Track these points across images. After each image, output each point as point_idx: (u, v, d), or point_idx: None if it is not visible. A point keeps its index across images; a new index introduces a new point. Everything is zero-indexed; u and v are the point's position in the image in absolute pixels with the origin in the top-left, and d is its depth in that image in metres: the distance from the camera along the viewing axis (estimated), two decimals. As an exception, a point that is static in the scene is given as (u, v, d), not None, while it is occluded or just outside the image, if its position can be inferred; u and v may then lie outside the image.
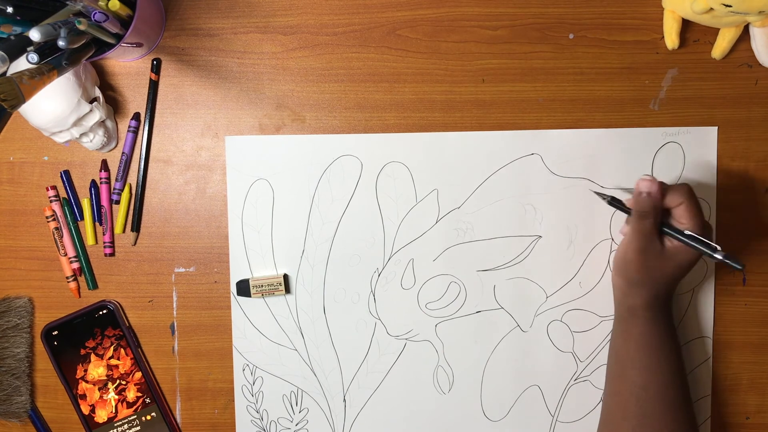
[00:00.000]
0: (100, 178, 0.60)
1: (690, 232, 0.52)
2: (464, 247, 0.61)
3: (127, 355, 0.61)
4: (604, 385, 0.59)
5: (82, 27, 0.44)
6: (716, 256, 0.51)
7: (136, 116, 0.60)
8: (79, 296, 0.62)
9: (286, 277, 0.60)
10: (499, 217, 0.60)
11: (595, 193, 0.57)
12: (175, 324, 0.62)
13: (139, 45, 0.56)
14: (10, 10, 0.44)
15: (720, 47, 0.58)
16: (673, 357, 0.55)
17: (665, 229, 0.53)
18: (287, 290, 0.61)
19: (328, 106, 0.60)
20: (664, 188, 0.53)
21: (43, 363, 0.62)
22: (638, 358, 0.54)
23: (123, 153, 0.60)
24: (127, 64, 0.60)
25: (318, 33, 0.60)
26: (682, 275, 0.54)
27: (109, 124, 0.59)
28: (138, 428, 0.61)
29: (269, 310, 0.61)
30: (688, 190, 0.53)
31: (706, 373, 0.62)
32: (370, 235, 0.60)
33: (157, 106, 0.60)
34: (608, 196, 0.56)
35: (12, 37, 0.43)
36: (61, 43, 0.44)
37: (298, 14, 0.59)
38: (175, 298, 0.61)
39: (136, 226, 0.61)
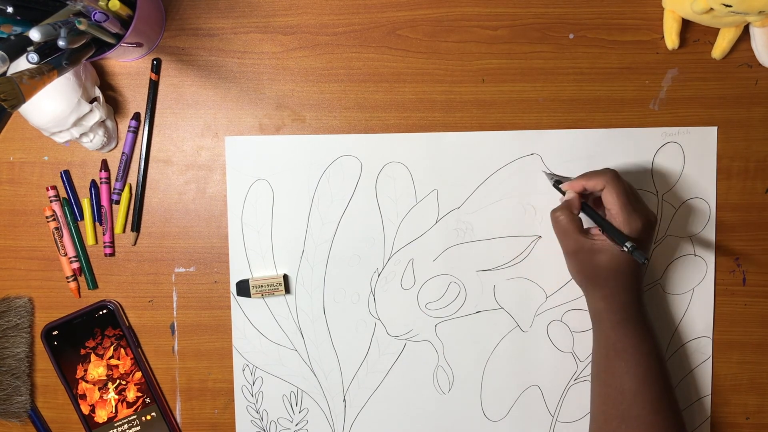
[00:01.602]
0: (100, 178, 0.60)
1: (601, 218, 0.51)
2: (464, 247, 0.61)
3: (127, 355, 0.61)
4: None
5: (82, 27, 0.44)
6: (626, 246, 0.49)
7: (136, 116, 0.60)
8: (79, 296, 0.62)
9: (285, 277, 0.60)
10: (499, 217, 0.60)
11: (544, 172, 0.58)
12: (175, 324, 0.62)
13: (139, 45, 0.56)
14: (10, 9, 0.44)
15: (720, 47, 0.58)
16: (645, 360, 0.53)
17: (583, 212, 0.53)
18: (287, 290, 0.61)
19: (328, 106, 0.60)
20: (588, 177, 0.53)
21: (43, 363, 0.62)
22: (610, 363, 0.53)
23: (123, 153, 0.60)
24: (127, 64, 0.60)
25: (318, 33, 0.60)
26: (626, 270, 0.52)
27: (109, 124, 0.59)
28: (138, 428, 0.61)
29: (269, 310, 0.61)
30: (610, 174, 0.52)
31: (706, 373, 0.62)
32: (370, 236, 0.60)
33: (157, 106, 0.60)
34: (555, 176, 0.57)
35: (12, 37, 0.43)
36: (61, 43, 0.44)
37: (298, 14, 0.59)
38: (175, 298, 0.61)
39: (136, 226, 0.61)
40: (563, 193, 0.55)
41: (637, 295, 0.54)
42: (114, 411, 0.61)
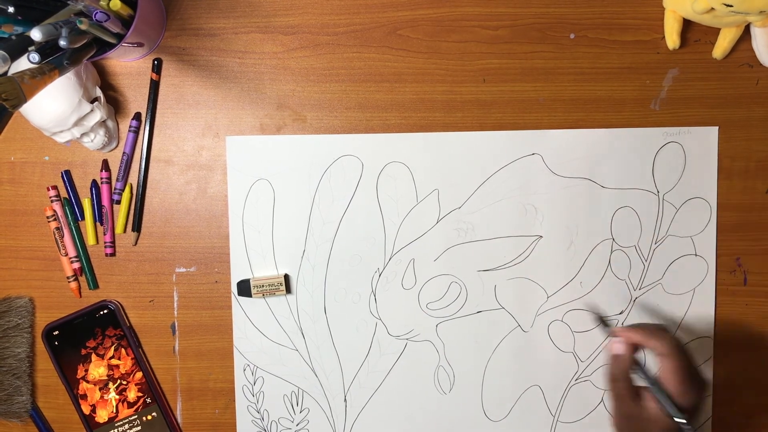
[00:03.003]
0: (101, 178, 0.60)
1: (659, 386, 0.49)
2: (465, 247, 0.61)
3: (127, 355, 0.61)
4: None
5: (83, 27, 0.44)
6: (682, 424, 0.47)
7: (137, 116, 0.60)
8: (80, 296, 0.62)
9: (286, 277, 0.60)
10: (500, 217, 0.60)
11: (586, 310, 0.59)
12: (176, 324, 0.62)
13: (140, 45, 0.56)
14: (11, 9, 0.44)
15: (721, 47, 0.58)
16: None
17: (638, 375, 0.50)
18: (288, 290, 0.61)
19: (329, 106, 0.60)
20: (650, 335, 0.50)
21: (44, 363, 0.61)
22: None
23: (124, 153, 0.60)
24: (128, 64, 0.60)
25: (319, 33, 0.60)
26: None
27: (110, 124, 0.59)
28: (139, 428, 0.61)
29: (270, 310, 0.61)
30: (674, 343, 0.49)
31: (707, 373, 0.62)
32: (371, 235, 0.60)
33: (158, 106, 0.60)
34: (599, 314, 0.58)
35: (13, 37, 0.43)
36: (62, 42, 0.44)
37: (299, 14, 0.60)
38: (175, 298, 0.61)
39: (137, 226, 0.61)
40: (607, 330, 0.55)
41: None
42: (115, 411, 0.61)
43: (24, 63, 0.44)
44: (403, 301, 0.61)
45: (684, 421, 0.48)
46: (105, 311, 0.60)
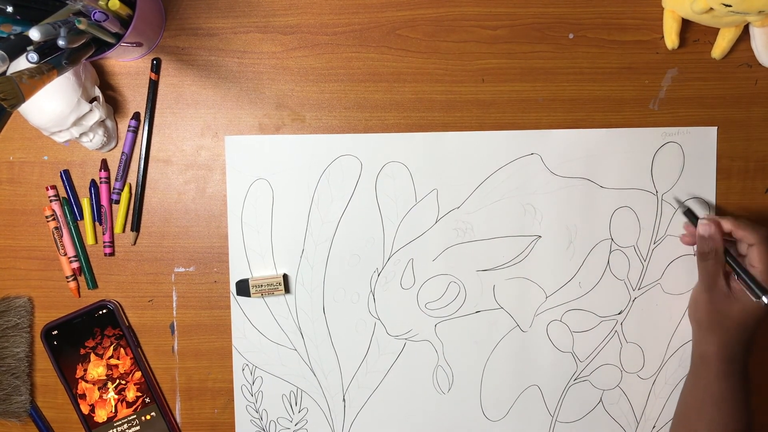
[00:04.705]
0: (100, 178, 0.60)
1: (746, 270, 0.52)
2: (464, 247, 0.61)
3: (126, 354, 0.61)
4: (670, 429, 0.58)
5: (81, 26, 0.44)
6: (764, 299, 0.51)
7: (136, 116, 0.60)
8: (79, 296, 0.61)
9: (285, 276, 0.60)
10: (499, 217, 0.60)
11: (676, 199, 0.59)
12: (175, 324, 0.62)
13: (138, 44, 0.56)
14: (10, 9, 0.44)
15: (720, 47, 0.58)
16: (739, 415, 0.53)
17: (727, 259, 0.54)
18: (287, 290, 0.61)
19: (327, 106, 0.60)
20: (740, 225, 0.54)
21: (43, 362, 0.61)
22: (704, 410, 0.54)
23: (123, 153, 0.60)
24: (126, 64, 0.60)
25: (318, 33, 0.60)
26: (751, 324, 0.53)
27: (109, 123, 0.59)
28: (137, 428, 0.61)
29: (269, 309, 0.61)
30: (763, 233, 0.53)
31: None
32: (370, 235, 0.60)
33: (157, 106, 0.60)
34: (685, 206, 0.59)
35: (12, 37, 0.43)
36: (60, 42, 0.44)
37: (298, 14, 0.59)
38: (174, 298, 0.61)
39: (136, 226, 0.61)
40: (693, 223, 0.56)
41: (749, 350, 0.55)
42: (114, 411, 0.61)
43: (23, 63, 0.44)
44: (401, 301, 0.61)
45: (767, 300, 0.51)
46: (104, 311, 0.60)
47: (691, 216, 0.58)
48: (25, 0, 0.45)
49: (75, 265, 0.61)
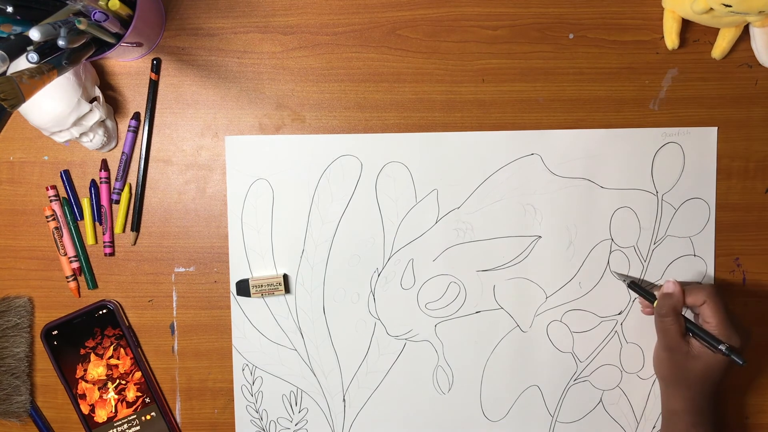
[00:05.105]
0: (100, 178, 0.60)
1: (701, 328, 0.54)
2: (464, 247, 0.61)
3: (126, 354, 0.61)
4: None
5: (82, 26, 0.44)
6: (721, 347, 0.52)
7: (136, 116, 0.60)
8: (79, 296, 0.62)
9: (285, 277, 0.60)
10: (499, 217, 0.60)
11: (615, 273, 0.60)
12: (175, 324, 0.62)
13: (138, 45, 0.56)
14: (10, 9, 0.44)
15: (720, 47, 0.58)
16: None
17: (687, 326, 0.55)
18: (287, 290, 0.61)
19: (328, 106, 0.60)
20: (687, 289, 0.55)
21: (43, 362, 0.61)
22: None
23: (123, 153, 0.60)
24: (127, 64, 0.60)
25: (318, 33, 0.60)
26: (715, 378, 0.54)
27: (109, 123, 0.59)
28: (138, 428, 0.61)
29: (269, 310, 0.61)
30: (710, 289, 0.55)
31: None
32: (370, 235, 0.60)
33: (157, 106, 0.60)
34: (628, 278, 0.59)
35: (12, 37, 0.43)
36: (61, 42, 0.44)
37: (298, 14, 0.59)
38: (174, 298, 0.61)
39: (136, 226, 0.61)
40: (646, 298, 0.58)
41: (716, 400, 0.56)
42: (114, 411, 0.61)
43: (23, 63, 0.44)
44: (402, 301, 0.61)
45: (725, 348, 0.52)
46: (104, 311, 0.60)
47: (635, 287, 0.59)
48: (25, 0, 0.45)
49: (75, 265, 0.61)
